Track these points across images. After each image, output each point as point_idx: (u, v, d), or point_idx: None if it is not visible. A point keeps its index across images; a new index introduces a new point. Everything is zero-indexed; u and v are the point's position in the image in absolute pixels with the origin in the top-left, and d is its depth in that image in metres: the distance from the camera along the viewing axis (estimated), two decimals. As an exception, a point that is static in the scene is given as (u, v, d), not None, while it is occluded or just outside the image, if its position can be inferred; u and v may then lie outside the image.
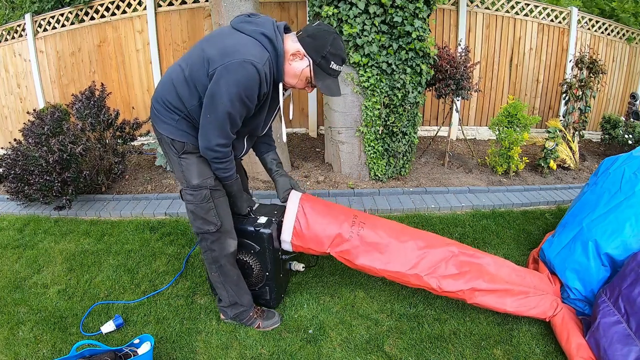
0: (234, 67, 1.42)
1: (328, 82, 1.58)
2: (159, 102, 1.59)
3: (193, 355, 1.77)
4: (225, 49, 1.46)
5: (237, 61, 1.42)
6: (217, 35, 1.56)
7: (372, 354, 1.77)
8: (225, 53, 1.45)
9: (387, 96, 3.26)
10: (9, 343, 1.86)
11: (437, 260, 1.91)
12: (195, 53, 1.53)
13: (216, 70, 1.43)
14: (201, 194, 1.65)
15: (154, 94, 1.64)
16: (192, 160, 1.63)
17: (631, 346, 1.54)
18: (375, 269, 1.87)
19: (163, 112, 1.59)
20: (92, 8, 4.54)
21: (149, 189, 3.50)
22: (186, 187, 1.66)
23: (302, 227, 1.88)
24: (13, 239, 2.82)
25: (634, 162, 2.19)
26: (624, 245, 1.90)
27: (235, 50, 1.45)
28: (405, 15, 3.04)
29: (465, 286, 1.85)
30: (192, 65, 1.51)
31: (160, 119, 1.60)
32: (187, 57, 1.57)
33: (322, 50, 1.51)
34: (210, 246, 1.74)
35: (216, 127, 1.51)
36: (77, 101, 3.32)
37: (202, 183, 1.64)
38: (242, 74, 1.43)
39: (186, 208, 1.72)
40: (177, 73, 1.55)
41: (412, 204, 3.19)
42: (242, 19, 1.56)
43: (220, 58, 1.44)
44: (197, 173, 1.64)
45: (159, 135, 1.65)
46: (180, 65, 1.56)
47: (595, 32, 5.26)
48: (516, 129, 3.61)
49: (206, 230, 1.69)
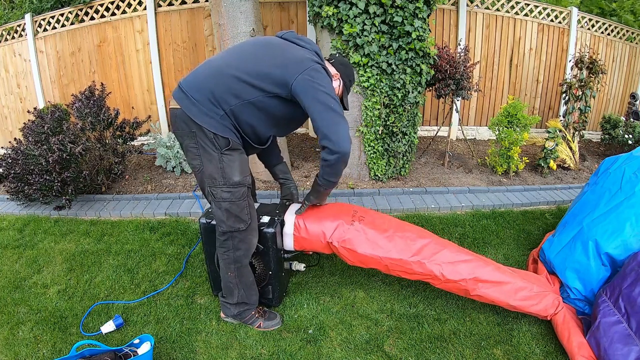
0: (317, 69, 1.61)
1: (346, 99, 1.89)
2: (203, 94, 1.56)
3: (193, 355, 1.77)
4: (300, 57, 1.62)
5: (315, 66, 1.61)
6: (278, 44, 1.69)
7: (372, 354, 1.77)
8: (301, 60, 1.60)
9: (387, 96, 3.26)
10: (9, 343, 1.86)
11: (439, 248, 1.91)
12: (261, 57, 1.62)
13: (299, 78, 1.56)
14: (240, 191, 1.65)
15: (189, 84, 1.61)
16: (235, 156, 1.63)
17: (631, 346, 1.54)
18: (378, 256, 1.86)
19: (208, 104, 1.56)
20: (92, 8, 4.54)
21: (149, 189, 3.50)
22: (223, 184, 1.63)
23: (304, 219, 1.93)
24: (13, 239, 2.82)
25: (634, 162, 2.19)
26: (624, 245, 1.90)
27: (307, 59, 1.63)
28: (405, 15, 3.04)
29: (468, 275, 1.84)
30: (259, 68, 1.59)
31: (203, 111, 1.56)
32: (244, 57, 1.63)
33: (350, 76, 1.88)
34: (237, 245, 1.73)
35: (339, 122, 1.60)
36: (77, 101, 3.32)
37: (242, 180, 1.65)
38: (323, 75, 1.63)
39: (217, 206, 1.67)
40: (230, 72, 1.59)
41: (412, 204, 3.19)
42: (295, 36, 1.77)
43: (299, 65, 1.59)
44: (240, 170, 1.64)
45: (193, 130, 1.58)
46: (234, 65, 1.60)
47: (595, 32, 5.26)
48: (516, 129, 3.61)
49: (237, 229, 1.69)
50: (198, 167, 1.66)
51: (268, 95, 1.59)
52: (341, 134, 1.59)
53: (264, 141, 1.77)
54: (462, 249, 1.99)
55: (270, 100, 1.61)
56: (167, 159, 3.79)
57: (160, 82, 4.65)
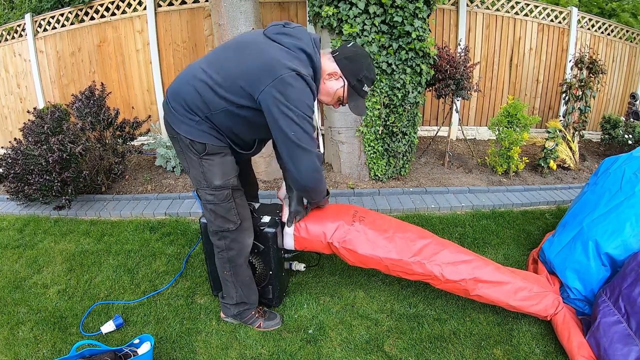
0: (290, 79, 1.37)
1: (359, 103, 1.60)
2: (178, 101, 1.54)
3: (193, 355, 1.77)
4: (269, 61, 1.39)
5: (289, 74, 1.38)
6: (252, 44, 1.48)
7: (372, 354, 1.77)
8: (270, 67, 1.38)
9: (387, 96, 3.26)
10: (9, 343, 1.86)
11: (440, 248, 1.91)
12: (227, 63, 1.47)
13: (265, 91, 1.37)
14: (222, 194, 1.63)
15: (170, 91, 1.58)
16: (215, 161, 1.59)
17: (631, 346, 1.54)
18: (378, 257, 1.86)
19: (182, 112, 1.53)
20: (92, 8, 4.54)
21: (149, 189, 3.50)
22: (206, 187, 1.62)
23: (305, 219, 1.92)
24: (13, 239, 2.82)
25: (634, 163, 2.19)
26: (624, 245, 1.90)
27: (280, 64, 1.38)
28: (405, 15, 3.04)
29: (468, 275, 1.84)
30: (225, 75, 1.45)
31: (178, 118, 1.55)
32: (215, 62, 1.50)
33: (359, 73, 1.53)
34: (229, 245, 1.72)
35: (300, 155, 1.46)
36: (77, 101, 3.32)
37: (224, 184, 1.62)
38: (299, 86, 1.39)
39: (204, 207, 1.68)
40: (201, 77, 1.49)
41: (412, 204, 3.19)
42: (279, 30, 1.49)
43: (267, 74, 1.38)
44: (220, 174, 1.60)
45: (175, 135, 1.59)
46: (205, 70, 1.49)
47: (595, 32, 5.26)
48: (516, 129, 3.61)
49: (226, 229, 1.68)
50: (186, 169, 1.68)
51: (238, 107, 1.49)
52: (301, 168, 1.50)
53: (250, 144, 1.70)
54: (462, 249, 1.99)
55: (242, 110, 1.49)
56: (167, 159, 3.79)
57: (160, 82, 4.65)
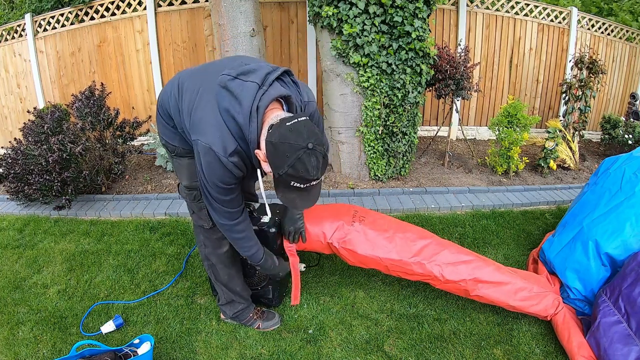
0: (202, 150, 1.30)
1: (292, 196, 1.26)
2: (162, 105, 1.60)
3: (193, 355, 1.77)
4: (196, 121, 1.34)
5: (202, 144, 1.29)
6: (207, 83, 1.37)
7: (372, 354, 1.77)
8: (197, 127, 1.33)
9: (387, 96, 3.26)
10: (9, 343, 1.86)
11: (440, 248, 1.91)
12: (190, 94, 1.41)
13: (193, 142, 1.35)
14: (191, 194, 1.69)
15: (160, 93, 1.64)
16: (183, 162, 1.65)
17: (631, 346, 1.54)
18: (378, 257, 1.86)
19: (163, 115, 1.61)
20: (92, 8, 4.54)
21: (149, 189, 3.50)
22: (182, 184, 1.72)
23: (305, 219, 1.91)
24: (13, 239, 2.82)
25: (634, 163, 2.19)
26: (624, 245, 1.90)
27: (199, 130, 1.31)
28: (405, 15, 3.04)
29: (468, 275, 1.84)
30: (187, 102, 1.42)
31: (160, 121, 1.63)
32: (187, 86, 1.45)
33: (279, 169, 1.19)
34: (204, 241, 1.76)
35: (212, 209, 1.48)
36: (77, 100, 3.32)
37: (191, 185, 1.67)
38: (208, 160, 1.30)
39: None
40: (174, 95, 1.48)
41: (412, 204, 3.19)
42: (225, 82, 1.29)
43: (193, 129, 1.35)
44: (187, 175, 1.66)
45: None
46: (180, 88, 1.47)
47: (595, 32, 5.26)
48: (516, 129, 3.61)
49: (201, 225, 1.72)
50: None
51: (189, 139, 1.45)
52: (216, 219, 1.51)
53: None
54: (462, 250, 1.99)
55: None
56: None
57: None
